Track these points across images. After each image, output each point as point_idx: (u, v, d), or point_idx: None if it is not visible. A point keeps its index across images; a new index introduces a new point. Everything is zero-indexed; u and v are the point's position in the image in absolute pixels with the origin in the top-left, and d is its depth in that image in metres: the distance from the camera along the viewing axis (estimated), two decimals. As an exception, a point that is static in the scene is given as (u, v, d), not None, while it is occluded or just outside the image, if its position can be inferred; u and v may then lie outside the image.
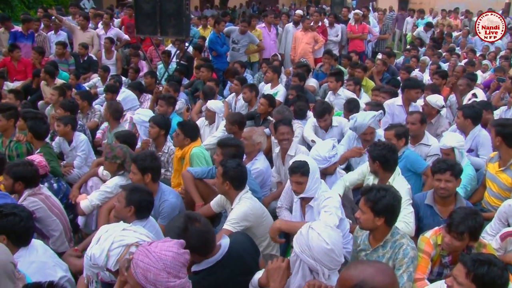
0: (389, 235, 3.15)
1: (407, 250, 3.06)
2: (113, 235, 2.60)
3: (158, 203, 3.99)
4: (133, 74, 8.92)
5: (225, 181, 3.73)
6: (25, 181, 3.92)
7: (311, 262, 2.49)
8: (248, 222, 3.66)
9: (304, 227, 2.60)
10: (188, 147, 4.99)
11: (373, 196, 3.06)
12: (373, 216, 3.06)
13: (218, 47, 9.51)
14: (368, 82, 8.23)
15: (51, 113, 6.66)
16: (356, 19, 11.37)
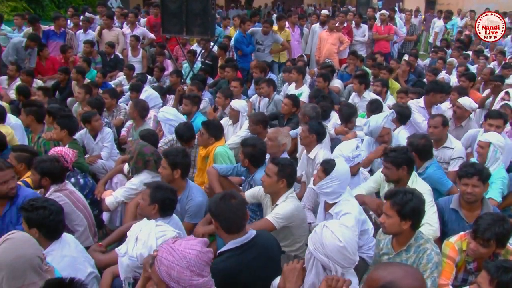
0: (412, 239, 3.10)
1: (431, 255, 3.01)
2: (152, 231, 2.62)
3: (185, 201, 4.00)
4: (158, 73, 9.02)
5: (281, 179, 3.71)
6: (52, 176, 4.00)
7: (324, 260, 2.50)
8: (290, 221, 3.66)
9: (318, 226, 2.62)
10: (212, 146, 5.02)
11: (399, 200, 3.00)
12: (400, 220, 3.01)
13: (243, 46, 9.53)
14: (394, 84, 8.13)
15: (78, 110, 6.79)
16: (382, 20, 11.26)
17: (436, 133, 4.97)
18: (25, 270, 2.42)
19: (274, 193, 3.81)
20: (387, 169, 3.96)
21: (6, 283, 2.38)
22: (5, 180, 3.52)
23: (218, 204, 2.89)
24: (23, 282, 2.41)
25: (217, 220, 2.91)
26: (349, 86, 8.33)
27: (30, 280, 2.43)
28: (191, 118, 6.31)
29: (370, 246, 3.74)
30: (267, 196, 3.95)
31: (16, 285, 2.40)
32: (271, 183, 3.75)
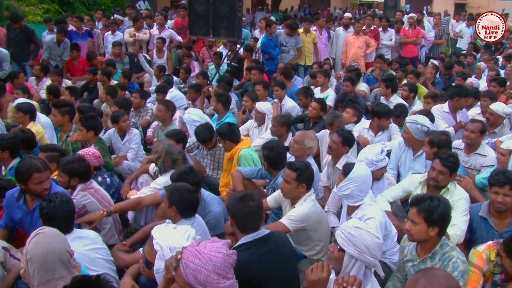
0: (438, 246, 3.03)
1: (457, 263, 2.93)
2: (177, 235, 2.64)
3: (203, 214, 3.95)
4: (184, 74, 9.08)
5: (300, 184, 3.69)
6: (80, 176, 4.06)
7: (371, 260, 2.54)
8: (306, 223, 3.63)
9: (349, 229, 2.60)
10: (236, 148, 5.04)
11: (427, 206, 2.94)
12: (427, 227, 2.95)
13: (270, 49, 9.54)
14: (421, 88, 8.00)
15: (106, 110, 6.90)
16: (410, 23, 11.10)
17: (473, 138, 4.84)
18: (55, 264, 2.48)
19: (294, 198, 3.79)
20: (442, 174, 3.82)
21: (37, 275, 2.44)
22: (41, 181, 3.58)
23: (237, 204, 2.97)
24: (53, 276, 2.47)
25: (233, 218, 2.98)
26: (375, 90, 8.24)
27: (59, 274, 2.49)
28: (222, 118, 6.34)
29: (394, 252, 3.69)
30: (286, 200, 3.93)
31: (47, 278, 2.46)
32: (290, 189, 3.72)
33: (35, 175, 3.54)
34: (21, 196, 3.68)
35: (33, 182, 3.55)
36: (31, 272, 2.46)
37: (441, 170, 3.81)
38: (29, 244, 2.50)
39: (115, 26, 10.88)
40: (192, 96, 7.63)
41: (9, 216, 3.78)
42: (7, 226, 3.81)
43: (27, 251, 2.48)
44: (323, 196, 4.87)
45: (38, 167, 3.56)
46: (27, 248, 2.49)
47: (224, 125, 5.26)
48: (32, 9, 15.25)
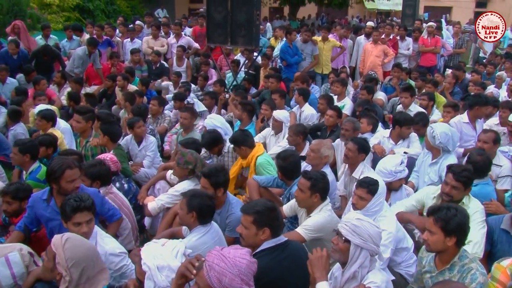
0: (456, 257, 2.98)
1: (476, 275, 2.87)
2: (165, 253, 2.64)
3: (225, 215, 4.02)
4: (202, 81, 9.15)
5: (314, 193, 3.70)
6: (101, 179, 4.13)
7: (374, 248, 2.71)
8: (321, 233, 3.62)
9: (352, 220, 2.76)
10: (251, 155, 5.06)
11: (444, 215, 2.91)
12: (444, 237, 2.91)
13: (288, 57, 9.57)
14: (440, 97, 7.92)
15: (124, 116, 6.98)
16: (429, 32, 11.02)
17: (486, 149, 4.77)
18: (96, 258, 2.70)
19: (308, 207, 3.79)
20: (455, 189, 3.74)
21: (85, 274, 2.60)
22: (73, 179, 3.64)
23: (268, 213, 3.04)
24: (96, 270, 2.66)
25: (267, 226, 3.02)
26: (392, 99, 8.20)
27: (99, 267, 2.71)
28: (245, 126, 6.38)
29: (410, 263, 3.67)
30: (302, 209, 3.93)
31: (93, 273, 2.65)
32: (304, 198, 3.73)
33: (68, 172, 3.59)
34: (50, 198, 3.73)
35: (66, 180, 3.60)
36: (76, 276, 2.56)
37: (454, 185, 3.74)
38: (64, 252, 2.57)
39: (134, 34, 11.04)
40: (208, 103, 7.68)
41: (31, 217, 3.82)
42: (25, 228, 3.86)
43: (67, 258, 2.56)
44: (340, 205, 4.84)
45: (70, 164, 3.62)
46: (64, 257, 2.56)
47: (237, 132, 5.31)
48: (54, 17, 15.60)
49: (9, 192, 3.98)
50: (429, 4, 27.81)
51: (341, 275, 2.76)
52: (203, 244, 3.32)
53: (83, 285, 2.59)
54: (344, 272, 2.74)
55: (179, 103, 7.22)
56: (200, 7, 22.15)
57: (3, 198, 4.06)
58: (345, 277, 2.73)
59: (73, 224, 3.22)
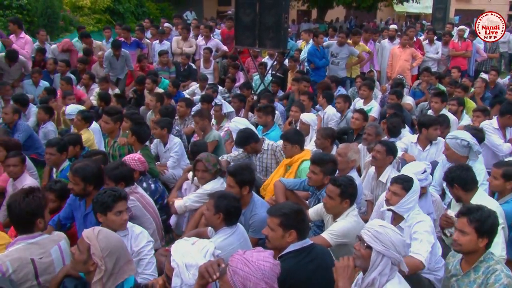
0: (482, 258, 2.98)
1: (500, 276, 2.87)
2: (194, 251, 2.67)
3: (249, 215, 4.04)
4: (230, 83, 9.20)
5: (344, 200, 3.68)
6: (125, 181, 4.17)
7: (396, 256, 2.64)
8: (347, 239, 3.60)
9: (375, 227, 2.69)
10: (298, 156, 5.07)
11: (479, 216, 2.91)
12: (477, 238, 2.91)
13: (316, 59, 9.51)
14: (469, 103, 7.78)
15: (152, 118, 7.07)
16: (460, 36, 10.82)
17: None
18: (124, 249, 2.80)
19: (338, 214, 3.77)
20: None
21: (118, 263, 2.69)
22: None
23: (295, 216, 3.05)
24: (125, 260, 2.76)
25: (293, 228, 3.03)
26: (421, 104, 8.09)
27: (128, 257, 2.80)
28: (268, 129, 6.39)
29: (439, 267, 3.62)
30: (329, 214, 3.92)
31: (123, 262, 2.74)
32: (334, 205, 3.71)
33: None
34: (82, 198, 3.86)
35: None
36: (110, 265, 2.65)
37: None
38: (99, 243, 2.66)
39: (163, 36, 11.18)
40: (236, 105, 7.73)
41: (67, 213, 3.96)
42: (58, 223, 3.97)
43: (102, 248, 2.65)
44: (366, 210, 4.80)
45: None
46: (99, 247, 2.65)
47: (291, 130, 5.43)
48: (86, 19, 15.94)
49: (56, 190, 4.16)
50: (460, 7, 27.37)
51: (361, 281, 2.73)
52: (229, 245, 3.34)
53: (115, 275, 2.67)
54: (364, 278, 2.70)
55: (207, 105, 7.28)
56: (228, 10, 22.31)
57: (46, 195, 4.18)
58: (364, 283, 2.69)
59: (114, 214, 3.34)
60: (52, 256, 3.16)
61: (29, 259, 3.04)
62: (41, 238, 3.17)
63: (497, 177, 4.09)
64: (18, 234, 3.16)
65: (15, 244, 3.08)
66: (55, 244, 3.21)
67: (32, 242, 3.11)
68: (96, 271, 2.65)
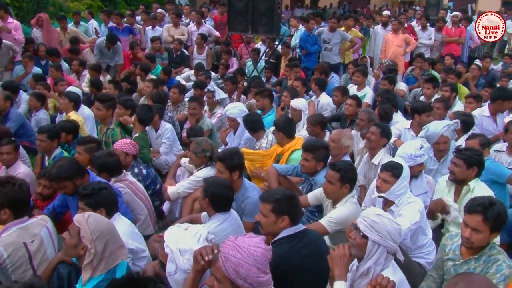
0: (487, 248, 2.98)
1: (502, 266, 2.87)
2: (187, 236, 2.69)
3: (241, 199, 4.05)
4: (224, 70, 9.14)
5: (344, 185, 3.68)
6: (108, 171, 4.13)
7: (392, 245, 2.64)
8: (344, 226, 3.58)
9: (371, 216, 2.67)
10: (289, 146, 5.08)
11: (495, 214, 2.89)
12: (490, 233, 2.91)
13: (308, 45, 9.47)
14: (462, 89, 7.80)
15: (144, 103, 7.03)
16: (453, 22, 10.80)
17: None
18: (115, 233, 2.78)
19: (337, 199, 3.77)
20: (457, 166, 3.87)
21: (108, 247, 2.67)
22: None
23: (288, 201, 3.05)
24: (117, 245, 2.74)
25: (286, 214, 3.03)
26: (414, 90, 8.10)
27: (119, 242, 2.79)
28: (266, 113, 6.41)
29: (430, 250, 3.66)
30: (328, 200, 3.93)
31: (115, 247, 2.72)
32: (334, 190, 3.70)
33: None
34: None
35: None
36: (100, 248, 2.63)
37: (456, 162, 3.89)
38: (88, 226, 2.66)
39: (155, 22, 11.07)
40: (229, 88, 7.71)
41: (61, 201, 3.95)
42: (53, 211, 3.96)
43: (92, 230, 2.65)
44: (359, 195, 4.83)
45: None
46: (89, 229, 2.65)
47: (282, 118, 5.40)
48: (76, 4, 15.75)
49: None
50: (455, -7, 27.26)
51: (356, 270, 2.74)
52: (222, 231, 3.35)
53: (106, 259, 2.66)
54: (358, 267, 2.71)
55: (200, 91, 7.25)
56: (221, -5, 22.08)
57: (41, 181, 4.18)
58: (358, 272, 2.70)
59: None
60: (42, 238, 3.20)
61: (21, 243, 3.06)
62: (30, 222, 3.20)
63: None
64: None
65: (7, 230, 3.08)
66: (43, 227, 3.25)
67: (22, 226, 3.13)
68: (86, 254, 2.64)
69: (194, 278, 2.51)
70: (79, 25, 10.58)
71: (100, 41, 9.14)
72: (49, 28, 9.75)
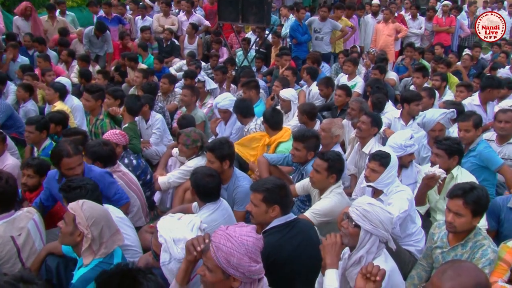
0: (472, 234, 3.01)
1: (487, 251, 2.92)
2: (182, 226, 2.68)
3: (232, 189, 4.05)
4: (215, 60, 9.04)
5: (331, 175, 3.69)
6: (101, 160, 4.10)
7: (384, 234, 2.65)
8: (330, 217, 3.63)
9: (363, 205, 2.67)
10: (275, 138, 5.09)
11: (475, 197, 2.92)
12: (471, 218, 2.94)
13: (298, 35, 9.44)
14: (452, 78, 7.84)
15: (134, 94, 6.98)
16: (444, 11, 10.80)
17: (508, 129, 4.72)
18: (110, 219, 2.83)
19: (323, 188, 3.78)
20: (439, 157, 3.90)
21: (104, 232, 2.72)
22: (70, 167, 3.64)
23: (278, 191, 3.05)
24: (113, 229, 2.80)
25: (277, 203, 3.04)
26: (404, 79, 8.12)
27: (114, 227, 2.84)
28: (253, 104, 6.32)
29: (419, 238, 3.68)
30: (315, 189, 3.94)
31: (111, 233, 2.77)
32: (320, 179, 3.72)
33: (65, 160, 3.61)
34: (61, 178, 3.76)
35: (64, 167, 3.63)
36: (97, 234, 2.68)
37: (437, 153, 3.91)
38: (83, 212, 2.69)
39: (144, 11, 10.96)
40: (219, 78, 7.67)
41: (47, 194, 3.89)
42: (41, 205, 3.91)
43: (87, 217, 2.68)
44: (349, 184, 4.85)
45: (68, 152, 3.61)
46: (84, 216, 2.68)
47: (269, 110, 5.39)
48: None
49: (33, 165, 4.07)
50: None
51: (348, 258, 2.75)
52: (213, 221, 3.34)
53: (105, 244, 2.72)
54: (351, 256, 2.72)
55: (190, 81, 7.21)
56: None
57: (25, 171, 4.14)
58: (351, 261, 2.71)
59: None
60: (29, 231, 3.18)
61: (9, 237, 3.05)
62: (16, 215, 3.18)
63: (469, 128, 4.43)
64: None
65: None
66: (30, 219, 3.23)
67: (8, 220, 3.11)
68: (83, 240, 2.67)
69: (186, 269, 2.51)
70: (65, 14, 10.42)
71: (88, 30, 9.03)
72: (36, 18, 9.60)
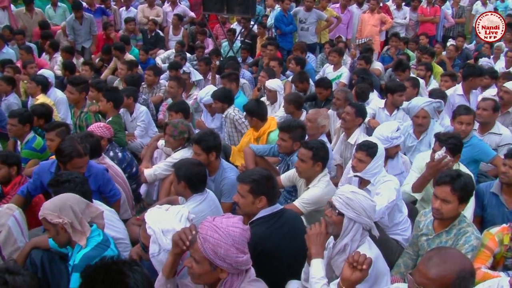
0: (457, 221, 3.06)
1: (470, 238, 2.97)
2: (170, 217, 2.66)
3: (219, 180, 4.04)
4: (201, 52, 8.93)
5: (316, 163, 3.70)
6: (90, 152, 4.01)
7: (368, 221, 2.68)
8: (318, 205, 3.64)
9: (346, 194, 2.69)
10: (264, 129, 5.07)
11: (462, 184, 2.96)
12: (458, 204, 2.98)
13: (282, 25, 9.36)
14: (437, 68, 7.89)
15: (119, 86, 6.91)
16: (428, 1, 10.84)
17: (485, 116, 4.76)
18: (75, 198, 2.87)
19: (310, 178, 3.79)
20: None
21: (75, 210, 2.77)
22: (80, 166, 3.63)
23: (265, 181, 3.06)
24: (82, 205, 2.86)
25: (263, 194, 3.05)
26: (390, 69, 8.15)
27: (84, 202, 2.89)
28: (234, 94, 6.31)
29: (406, 227, 3.71)
30: (301, 179, 3.94)
31: (82, 208, 2.83)
32: (306, 168, 3.72)
33: (76, 160, 3.59)
34: (58, 171, 3.72)
35: (73, 166, 3.59)
36: (71, 215, 2.74)
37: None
38: (48, 209, 2.73)
39: (129, 2, 10.84)
40: (203, 69, 7.63)
41: (36, 185, 3.83)
42: (27, 194, 3.85)
43: (53, 209, 2.73)
44: (335, 174, 4.87)
45: (79, 152, 3.60)
46: (50, 211, 2.72)
47: (252, 102, 5.31)
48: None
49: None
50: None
51: (332, 247, 2.77)
52: (201, 212, 3.32)
53: (83, 220, 2.79)
54: (335, 244, 2.75)
55: (175, 72, 7.15)
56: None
57: None
58: (335, 249, 2.73)
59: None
60: (10, 227, 3.17)
61: None
62: None
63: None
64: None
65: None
66: (10, 216, 3.21)
67: None
68: (65, 229, 2.72)
69: (172, 262, 2.49)
70: (57, 6, 10.23)
71: (70, 18, 8.88)
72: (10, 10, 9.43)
